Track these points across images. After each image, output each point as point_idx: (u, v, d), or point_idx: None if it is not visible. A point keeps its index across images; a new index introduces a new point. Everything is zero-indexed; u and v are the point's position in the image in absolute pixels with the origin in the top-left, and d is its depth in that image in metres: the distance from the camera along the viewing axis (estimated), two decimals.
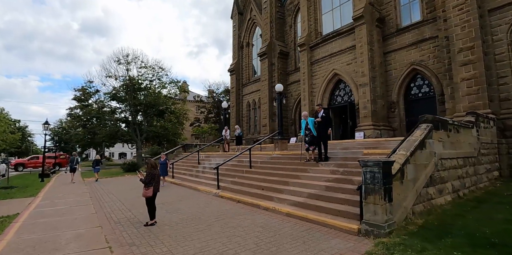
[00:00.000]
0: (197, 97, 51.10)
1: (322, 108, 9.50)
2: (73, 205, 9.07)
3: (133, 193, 11.14)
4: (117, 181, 16.09)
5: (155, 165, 6.57)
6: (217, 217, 6.94)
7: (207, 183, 11.47)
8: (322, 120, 9.11)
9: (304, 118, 9.67)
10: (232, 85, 28.94)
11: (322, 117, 9.12)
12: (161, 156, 13.83)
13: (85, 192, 12.10)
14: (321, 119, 9.10)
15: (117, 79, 29.77)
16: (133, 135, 29.81)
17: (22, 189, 13.11)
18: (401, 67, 16.19)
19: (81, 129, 33.75)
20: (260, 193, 8.49)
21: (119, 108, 31.67)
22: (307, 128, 9.41)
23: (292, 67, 23.76)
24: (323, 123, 9.12)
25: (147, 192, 6.38)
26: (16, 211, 8.27)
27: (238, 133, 17.73)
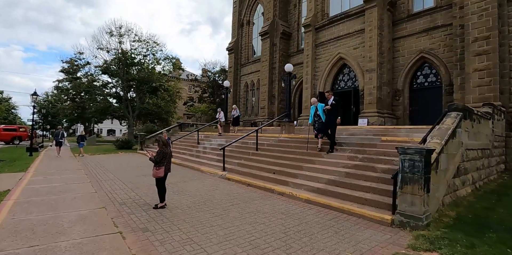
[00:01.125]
0: (191, 75, 49.48)
1: (332, 94, 8.85)
2: (69, 182, 8.35)
3: (132, 172, 10.48)
4: (112, 159, 15.29)
5: (166, 143, 5.89)
6: (230, 201, 6.41)
7: (210, 164, 10.88)
8: (332, 107, 8.52)
9: (313, 104, 9.07)
10: (230, 65, 27.79)
11: (332, 105, 8.55)
12: (163, 134, 12.78)
13: (79, 168, 11.32)
14: (331, 106, 8.52)
15: (109, 52, 28.11)
16: (125, 112, 28.61)
17: (10, 163, 12.18)
18: (409, 54, 15.61)
19: (69, 102, 32.12)
20: (272, 177, 7.98)
21: (110, 83, 30.16)
22: (316, 114, 8.84)
23: (294, 49, 22.82)
24: (333, 110, 8.53)
25: (158, 172, 5.73)
26: (6, 187, 7.49)
27: (235, 113, 16.78)
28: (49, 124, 48.76)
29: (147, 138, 19.02)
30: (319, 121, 8.75)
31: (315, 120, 8.89)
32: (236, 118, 16.56)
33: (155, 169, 5.75)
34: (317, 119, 8.83)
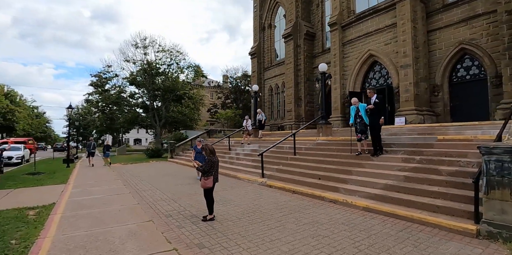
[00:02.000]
0: (212, 82, 49.90)
1: (374, 93, 8.09)
2: (110, 194, 8.22)
3: (168, 181, 10.28)
4: (144, 168, 15.30)
5: (213, 151, 5.53)
6: (281, 211, 5.95)
7: (247, 171, 10.49)
8: (376, 106, 7.82)
9: (354, 104, 8.42)
10: (253, 69, 27.56)
11: (375, 104, 7.84)
12: (197, 143, 10.79)
13: (116, 179, 11.29)
14: (374, 106, 7.81)
15: (135, 63, 28.77)
16: (152, 121, 29.05)
17: (50, 175, 12.40)
18: (447, 47, 14.59)
19: (99, 114, 33.10)
20: (318, 183, 7.45)
21: (137, 93, 30.86)
22: (358, 115, 8.20)
23: (319, 49, 22.21)
24: (376, 110, 7.85)
25: (206, 182, 5.37)
26: (51, 200, 7.44)
27: (260, 117, 16.32)
28: (81, 136, 50.67)
29: (177, 145, 19.02)
30: (361, 122, 8.12)
31: (357, 122, 8.24)
32: (261, 123, 16.26)
33: (203, 179, 5.40)
34: (359, 120, 8.19)
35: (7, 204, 7.08)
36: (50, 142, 68.78)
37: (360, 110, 8.16)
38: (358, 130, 8.20)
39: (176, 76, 30.34)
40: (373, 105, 7.81)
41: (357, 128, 8.29)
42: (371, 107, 7.84)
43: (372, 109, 7.84)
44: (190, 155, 17.38)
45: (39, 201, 7.37)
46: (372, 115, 7.85)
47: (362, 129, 8.12)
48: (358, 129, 8.24)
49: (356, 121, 8.31)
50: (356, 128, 8.34)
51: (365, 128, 8.08)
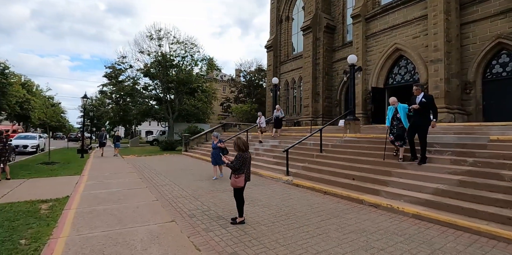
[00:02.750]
0: (224, 77, 49.22)
1: (422, 90, 6.71)
2: (127, 188, 7.67)
3: (186, 176, 9.69)
4: (159, 161, 14.80)
5: (246, 146, 4.85)
6: (318, 215, 5.26)
7: (269, 168, 9.81)
8: (423, 106, 6.43)
9: (392, 104, 7.31)
10: (269, 63, 26.72)
11: (422, 104, 6.43)
12: (212, 137, 9.44)
13: (132, 171, 10.78)
14: (421, 105, 6.42)
15: (150, 55, 28.24)
16: (165, 113, 28.61)
17: (65, 166, 11.99)
18: (482, 41, 13.50)
19: (113, 105, 32.85)
20: (354, 184, 6.71)
21: (151, 85, 30.43)
22: (396, 117, 7.10)
23: (339, 43, 21.21)
24: (423, 111, 6.48)
25: (237, 180, 4.71)
26: (65, 192, 6.93)
27: (278, 114, 14.09)
28: (95, 127, 50.87)
29: (191, 139, 18.46)
30: (398, 126, 7.04)
31: (394, 125, 7.17)
32: (279, 120, 14.23)
33: (233, 177, 4.74)
34: (396, 123, 7.12)
35: (19, 195, 6.59)
36: (65, 131, 69.56)
37: (399, 111, 7.04)
38: (395, 134, 7.09)
39: (190, 68, 29.72)
40: (418, 105, 6.46)
41: (392, 131, 7.20)
42: (415, 108, 6.50)
43: (417, 109, 6.50)
44: (206, 149, 16.87)
45: (52, 193, 6.87)
46: (417, 116, 6.56)
47: (399, 134, 6.99)
48: (394, 132, 7.13)
49: (392, 124, 7.23)
50: (391, 131, 7.24)
51: (402, 132, 6.95)
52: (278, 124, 14.17)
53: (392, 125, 7.28)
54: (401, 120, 7.04)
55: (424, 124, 6.53)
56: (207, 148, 16.87)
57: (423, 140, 6.55)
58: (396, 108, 7.22)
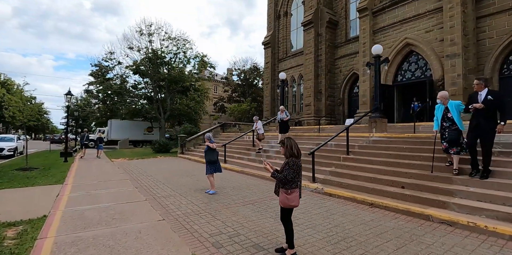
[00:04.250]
0: (216, 76, 47.58)
1: (483, 85, 5.28)
2: (121, 201, 6.12)
3: (189, 183, 8.19)
4: (154, 165, 13.17)
5: (299, 150, 3.42)
6: (385, 239, 3.91)
7: None
8: (488, 106, 5.09)
9: (441, 101, 5.85)
10: (266, 60, 25.38)
11: (488, 103, 5.09)
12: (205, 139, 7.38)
13: (124, 178, 9.17)
14: (487, 103, 5.10)
15: (140, 51, 26.41)
16: (157, 113, 26.81)
17: (45, 172, 10.24)
18: (500, 35, 12.59)
19: (100, 105, 30.72)
20: (407, 193, 5.41)
21: (141, 83, 28.56)
22: (448, 117, 5.74)
23: (342, 39, 20.08)
24: (488, 112, 5.12)
25: (290, 198, 3.28)
26: (41, 210, 5.33)
27: (283, 117, 11.65)
28: (80, 128, 48.21)
29: (188, 140, 16.86)
30: (451, 128, 5.68)
31: (445, 127, 5.80)
32: (284, 124, 11.64)
33: (283, 192, 3.31)
34: (447, 125, 5.75)
35: None
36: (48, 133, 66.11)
37: (451, 110, 5.70)
38: (447, 138, 5.75)
39: (183, 66, 28.04)
40: (482, 104, 5.09)
41: (444, 135, 5.84)
42: (478, 107, 5.12)
43: (480, 109, 5.12)
44: (203, 151, 15.22)
45: (25, 210, 5.27)
46: (479, 117, 5.20)
47: (453, 138, 5.62)
48: (445, 137, 5.79)
49: (442, 126, 5.86)
50: (442, 136, 5.88)
51: (457, 136, 5.62)
52: (284, 129, 11.59)
53: (442, 128, 5.86)
54: (454, 122, 5.66)
55: (491, 129, 5.11)
56: None
57: (488, 148, 5.18)
58: (446, 107, 5.89)
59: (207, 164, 7.06)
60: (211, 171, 6.94)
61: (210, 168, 6.97)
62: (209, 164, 6.99)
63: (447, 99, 5.89)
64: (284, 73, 14.86)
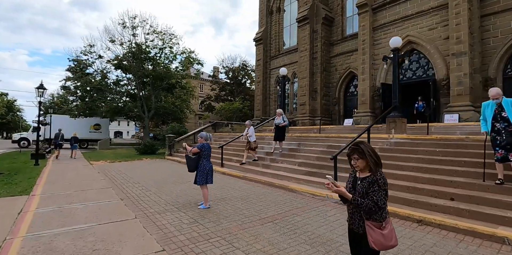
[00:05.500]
0: (202, 74, 45.90)
1: None
2: (103, 220, 4.75)
3: (188, 192, 6.88)
4: (140, 168, 11.67)
5: (379, 158, 2.27)
6: None
7: (299, 179, 7.28)
8: None
9: (494, 99, 4.87)
10: (258, 57, 24.21)
11: None
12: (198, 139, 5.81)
13: (107, 186, 7.72)
14: None
15: (123, 44, 24.53)
16: (140, 111, 25.01)
17: (9, 178, 8.57)
18: (505, 34, 12.13)
19: (78, 102, 28.41)
20: (463, 207, 4.40)
21: (123, 80, 26.61)
22: (502, 117, 4.79)
23: (338, 37, 19.25)
24: None
25: (386, 234, 2.05)
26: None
27: (279, 121, 9.81)
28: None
29: (177, 140, 15.38)
30: (507, 129, 4.72)
31: (498, 129, 4.83)
32: (280, 129, 9.81)
33: (373, 226, 2.09)
34: (503, 126, 4.76)
35: None
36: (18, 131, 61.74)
37: (506, 109, 4.75)
38: (504, 141, 4.72)
39: (168, 62, 26.37)
40: None
41: (496, 139, 4.85)
42: None
43: None
44: None
45: None
46: None
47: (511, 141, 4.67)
48: (502, 141, 4.75)
49: (494, 128, 4.87)
50: (495, 140, 4.87)
51: None
52: (280, 135, 9.76)
53: (496, 130, 4.84)
54: (510, 122, 4.75)
55: None
56: None
57: None
58: (499, 104, 4.94)
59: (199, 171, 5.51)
60: (202, 181, 5.49)
61: (201, 175, 5.49)
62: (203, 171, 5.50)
63: (500, 96, 4.93)
64: (285, 69, 13.70)
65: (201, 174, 5.46)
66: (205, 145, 5.59)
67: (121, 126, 73.05)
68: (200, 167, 5.50)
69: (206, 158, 5.57)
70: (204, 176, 5.46)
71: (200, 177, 5.45)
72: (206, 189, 5.53)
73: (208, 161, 5.59)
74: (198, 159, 5.59)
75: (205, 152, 5.56)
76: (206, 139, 5.70)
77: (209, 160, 5.63)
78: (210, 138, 5.78)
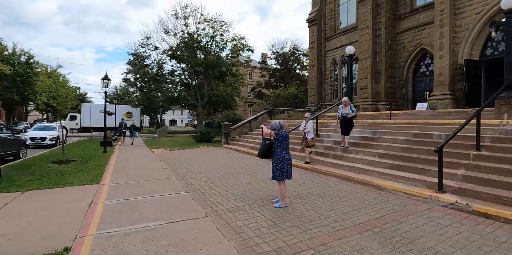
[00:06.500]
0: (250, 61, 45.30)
1: None
2: (172, 217, 4.23)
3: (252, 185, 6.18)
4: (199, 156, 11.43)
5: None
6: None
7: (383, 174, 6.09)
8: None
9: None
10: (311, 39, 22.50)
11: None
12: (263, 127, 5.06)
13: (170, 176, 7.42)
14: None
15: (176, 35, 24.75)
16: (194, 99, 25.30)
17: (81, 166, 8.84)
18: None
19: (138, 93, 29.92)
20: None
21: (176, 70, 27.12)
22: None
23: (406, 9, 16.67)
24: None
25: None
26: (64, 234, 3.59)
27: (346, 112, 8.28)
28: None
29: (233, 128, 14.96)
30: None
31: None
32: (347, 122, 8.25)
33: None
34: None
35: None
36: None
37: None
38: None
39: (220, 49, 26.02)
40: None
41: None
42: None
43: None
44: (253, 141, 13.33)
45: (42, 235, 3.55)
46: None
47: None
48: None
49: None
50: None
51: None
52: (347, 129, 8.23)
53: None
54: None
55: None
56: (255, 140, 13.34)
57: None
58: None
59: (277, 164, 4.63)
60: (282, 176, 4.65)
61: (280, 169, 4.61)
62: (281, 164, 4.62)
63: None
64: (352, 47, 12.09)
65: (279, 168, 4.62)
66: (282, 133, 4.73)
67: (176, 115, 76.83)
68: (277, 159, 4.67)
69: (282, 148, 4.71)
70: (283, 170, 4.61)
71: (278, 171, 4.61)
72: (283, 185, 4.70)
73: (285, 152, 4.72)
74: (269, 146, 4.80)
75: (281, 141, 4.70)
76: (278, 128, 4.81)
77: (287, 151, 4.76)
78: (282, 126, 4.86)
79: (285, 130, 4.90)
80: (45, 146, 15.33)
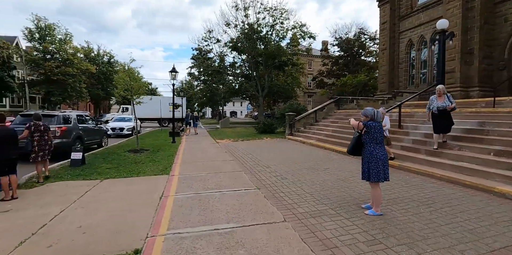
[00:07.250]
0: (310, 50, 43.29)
1: None
2: (247, 219, 3.68)
3: (329, 183, 5.34)
4: (264, 148, 10.93)
5: None
6: None
7: (504, 176, 4.66)
8: None
9: None
10: (382, 20, 20.00)
11: None
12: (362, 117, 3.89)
13: (237, 169, 7.00)
14: None
15: (236, 26, 24.61)
16: (255, 90, 25.03)
17: (153, 155, 9.10)
18: None
19: (201, 86, 31.02)
20: None
21: (237, 62, 27.18)
22: None
23: None
24: None
25: None
26: (135, 233, 3.31)
27: (443, 104, 6.43)
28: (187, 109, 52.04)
29: (297, 119, 14.11)
30: None
31: None
32: (445, 116, 6.47)
33: None
34: None
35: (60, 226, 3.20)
36: None
37: None
38: None
39: (280, 39, 25.10)
40: None
41: None
42: None
43: None
44: (320, 132, 12.30)
45: (114, 232, 3.32)
46: None
47: None
48: None
49: None
50: None
51: None
52: (446, 125, 6.46)
53: None
54: None
55: None
56: (322, 131, 12.31)
57: None
58: None
59: (370, 163, 3.72)
60: (379, 176, 3.70)
61: (374, 168, 3.68)
62: (375, 162, 3.69)
63: None
64: (445, 20, 10.01)
65: (373, 167, 3.67)
66: (373, 124, 3.74)
67: (236, 106, 78.84)
68: (369, 156, 3.73)
69: (376, 142, 3.74)
70: (378, 169, 3.65)
71: (372, 171, 3.68)
72: (379, 188, 3.76)
73: (379, 147, 3.74)
74: (357, 139, 3.88)
75: (372, 133, 3.73)
76: (372, 117, 3.81)
77: (381, 145, 3.78)
78: (377, 115, 3.81)
79: (379, 120, 3.87)
80: (123, 135, 16.72)
